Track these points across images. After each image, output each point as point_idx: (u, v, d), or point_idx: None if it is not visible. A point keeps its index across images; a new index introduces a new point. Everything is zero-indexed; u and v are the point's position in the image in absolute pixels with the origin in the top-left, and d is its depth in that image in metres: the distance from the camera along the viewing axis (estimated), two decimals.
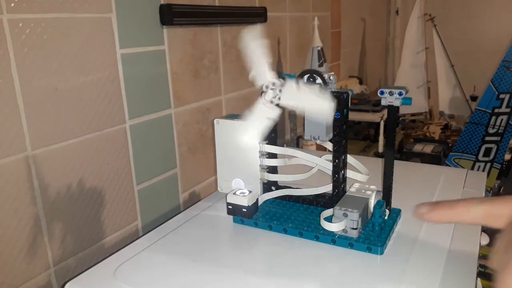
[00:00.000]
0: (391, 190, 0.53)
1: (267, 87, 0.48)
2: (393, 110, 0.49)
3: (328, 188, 0.53)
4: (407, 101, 0.48)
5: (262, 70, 0.47)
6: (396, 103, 0.48)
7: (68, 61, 0.60)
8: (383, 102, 0.48)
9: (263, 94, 0.49)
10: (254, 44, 0.46)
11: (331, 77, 0.50)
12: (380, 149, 1.39)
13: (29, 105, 0.56)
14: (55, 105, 0.59)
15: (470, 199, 0.33)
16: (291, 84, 0.48)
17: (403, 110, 2.08)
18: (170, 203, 0.83)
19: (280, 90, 0.48)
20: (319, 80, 0.50)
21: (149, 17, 0.73)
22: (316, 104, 0.46)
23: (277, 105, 0.49)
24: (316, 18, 0.60)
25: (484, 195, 0.62)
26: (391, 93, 0.48)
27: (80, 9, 0.61)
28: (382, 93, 0.48)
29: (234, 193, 0.53)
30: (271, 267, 0.46)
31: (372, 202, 0.50)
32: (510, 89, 1.50)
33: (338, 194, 0.52)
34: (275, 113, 0.50)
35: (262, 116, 0.49)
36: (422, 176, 0.71)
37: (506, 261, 0.24)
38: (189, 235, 0.54)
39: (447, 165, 1.53)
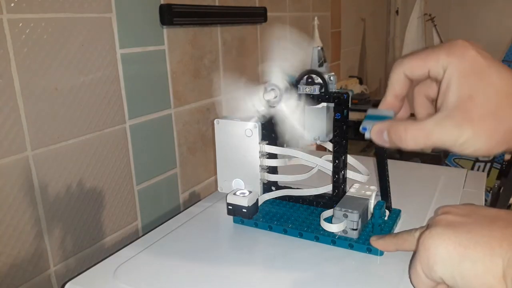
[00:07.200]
0: (389, 192, 0.53)
1: (270, 86, 0.49)
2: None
3: (328, 188, 0.53)
4: None
5: (276, 71, 0.48)
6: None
7: (68, 61, 0.60)
8: (366, 136, 0.39)
9: (263, 91, 0.49)
10: (284, 46, 0.47)
11: (331, 78, 0.50)
12: None
13: (29, 105, 0.56)
14: (55, 105, 0.59)
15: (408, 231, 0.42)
16: (293, 99, 0.48)
17: None
18: (170, 203, 0.83)
19: (281, 96, 0.49)
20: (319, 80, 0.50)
21: (149, 17, 0.73)
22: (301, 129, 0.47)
23: (270, 106, 0.50)
24: (316, 18, 0.60)
25: (484, 195, 0.62)
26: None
27: (80, 9, 0.61)
28: (364, 129, 0.39)
29: (234, 194, 0.53)
30: (271, 267, 0.46)
31: (372, 203, 0.50)
32: None
33: (338, 195, 0.52)
34: (263, 111, 0.50)
35: (252, 106, 0.50)
36: (422, 176, 0.71)
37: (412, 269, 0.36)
38: (189, 235, 0.54)
39: (447, 165, 1.52)
